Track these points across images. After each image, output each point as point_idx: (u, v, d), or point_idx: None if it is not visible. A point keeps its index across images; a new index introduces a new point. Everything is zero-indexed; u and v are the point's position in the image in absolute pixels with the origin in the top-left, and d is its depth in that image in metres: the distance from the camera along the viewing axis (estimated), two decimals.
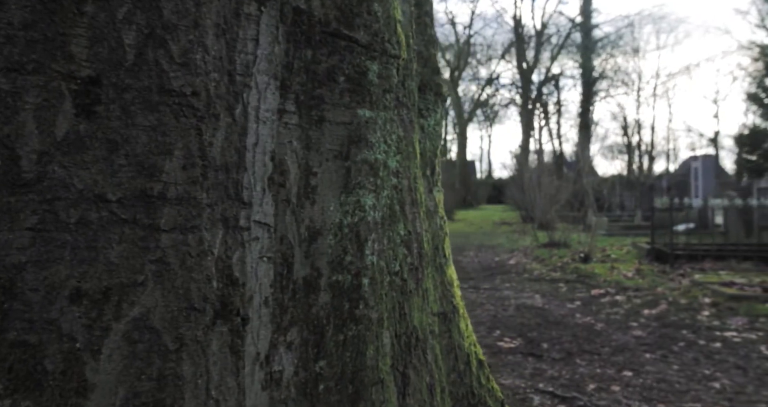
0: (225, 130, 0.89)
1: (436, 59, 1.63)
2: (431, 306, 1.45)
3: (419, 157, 1.54)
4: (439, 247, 1.54)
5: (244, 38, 0.93)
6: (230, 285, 0.89)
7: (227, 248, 0.90)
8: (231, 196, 0.91)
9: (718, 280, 5.90)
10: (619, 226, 14.10)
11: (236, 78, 0.92)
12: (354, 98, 1.28)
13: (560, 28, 35.18)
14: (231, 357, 0.89)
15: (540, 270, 8.13)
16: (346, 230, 1.25)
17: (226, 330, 0.88)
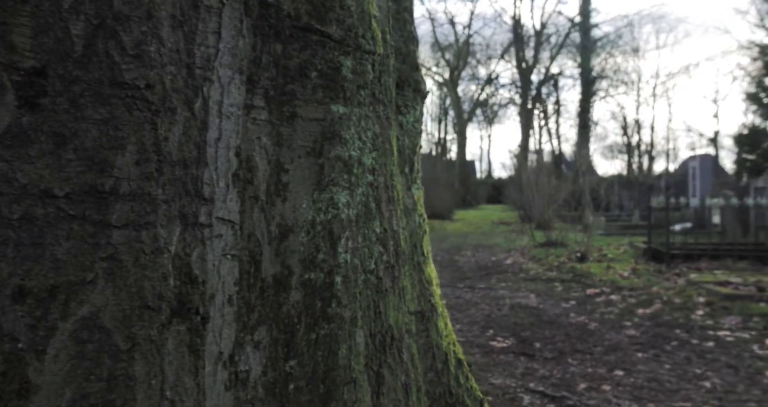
0: (183, 124, 0.87)
1: (415, 55, 1.61)
2: (408, 305, 1.43)
3: (397, 154, 1.52)
4: (418, 245, 1.52)
5: (204, 31, 0.91)
6: (189, 283, 0.88)
7: (186, 245, 0.88)
8: (190, 192, 0.89)
9: (713, 280, 5.88)
10: (616, 226, 14.09)
11: (195, 71, 0.90)
12: (327, 94, 1.26)
13: (559, 27, 35.17)
14: (189, 356, 0.87)
15: (536, 270, 8.11)
16: (318, 228, 1.23)
17: (183, 329, 0.86)
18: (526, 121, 35.00)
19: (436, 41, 38.45)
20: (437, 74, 40.68)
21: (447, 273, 8.19)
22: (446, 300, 5.99)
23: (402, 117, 1.56)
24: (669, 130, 43.91)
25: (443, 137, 46.02)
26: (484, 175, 48.21)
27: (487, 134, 54.67)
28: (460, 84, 39.86)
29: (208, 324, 0.91)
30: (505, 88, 40.19)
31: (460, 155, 39.02)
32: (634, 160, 37.82)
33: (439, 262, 9.42)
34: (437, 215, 23.25)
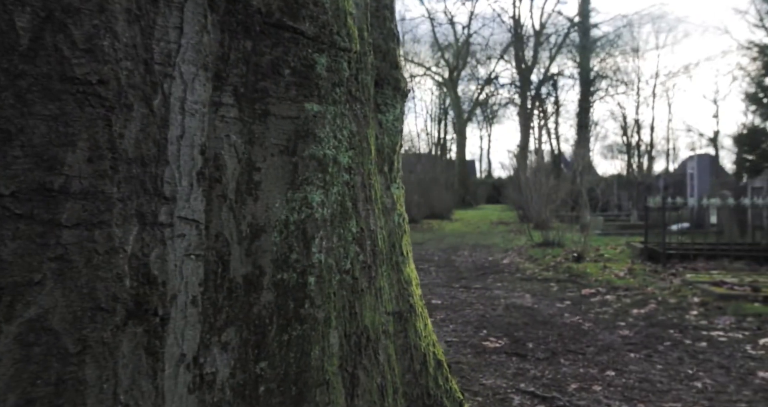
0: (140, 121, 0.85)
1: (395, 53, 1.59)
2: (385, 306, 1.41)
3: (375, 153, 1.51)
4: (396, 245, 1.50)
5: (164, 26, 0.89)
6: (147, 283, 0.86)
7: (144, 245, 0.86)
8: (149, 190, 0.87)
9: (708, 280, 5.86)
10: (614, 226, 14.07)
11: (154, 67, 0.88)
12: (301, 92, 1.24)
13: (559, 27, 35.15)
14: (146, 359, 0.85)
15: (532, 270, 8.09)
16: (292, 227, 1.21)
17: (140, 331, 0.84)
18: (526, 120, 34.98)
19: (436, 41, 38.44)
20: (437, 74, 40.70)
21: (443, 273, 8.18)
22: (441, 301, 5.98)
23: (381, 115, 1.54)
24: (669, 130, 43.94)
25: (443, 137, 46.03)
26: (484, 174, 48.20)
27: (487, 134, 54.58)
28: (460, 84, 39.87)
29: (169, 326, 0.89)
30: (505, 88, 40.16)
31: (460, 155, 38.99)
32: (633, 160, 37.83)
33: (435, 262, 9.40)
34: (436, 215, 23.22)
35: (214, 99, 1.03)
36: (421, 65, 41.22)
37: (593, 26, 33.38)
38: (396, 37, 1.61)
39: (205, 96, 0.98)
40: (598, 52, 34.16)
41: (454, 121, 40.79)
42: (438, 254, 10.67)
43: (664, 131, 48.42)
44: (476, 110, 43.18)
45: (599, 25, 33.95)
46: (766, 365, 3.46)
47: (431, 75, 41.63)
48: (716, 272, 6.60)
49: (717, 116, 45.20)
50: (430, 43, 39.19)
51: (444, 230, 18.33)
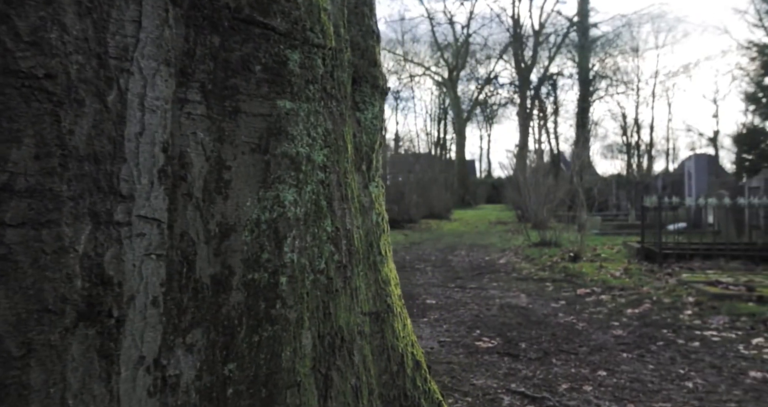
0: (93, 117, 0.83)
1: (374, 51, 1.57)
2: (361, 306, 1.39)
3: (353, 152, 1.48)
4: (374, 244, 1.48)
5: (119, 19, 0.87)
6: (100, 284, 0.83)
7: (97, 245, 0.84)
8: (103, 188, 0.84)
9: (703, 279, 5.84)
10: (612, 225, 14.05)
11: (109, 61, 0.86)
12: (273, 89, 1.22)
13: (558, 27, 35.12)
14: (99, 362, 0.82)
15: (529, 270, 8.07)
16: (263, 226, 1.19)
17: (92, 333, 0.82)
18: (525, 120, 34.96)
19: (435, 41, 38.42)
20: (436, 74, 40.67)
21: (439, 272, 8.16)
22: (436, 300, 5.95)
23: (360, 113, 1.51)
24: (669, 130, 43.94)
25: (443, 137, 46.03)
26: (484, 174, 48.19)
27: (486, 134, 54.51)
28: (459, 84, 39.86)
29: (125, 327, 0.86)
30: (504, 87, 40.12)
31: (459, 155, 38.98)
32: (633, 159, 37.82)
33: (432, 262, 9.38)
34: (435, 215, 23.19)
35: (179, 95, 1.01)
36: (421, 65, 41.22)
37: (592, 26, 33.36)
38: (375, 35, 1.59)
39: (167, 92, 0.96)
40: (597, 51, 34.13)
41: (454, 120, 40.78)
42: (435, 254, 10.65)
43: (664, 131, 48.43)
44: (476, 110, 43.19)
45: (598, 24, 33.91)
46: (758, 365, 3.44)
47: (430, 75, 41.64)
48: (712, 272, 6.58)
49: (717, 116, 45.18)
50: (429, 43, 39.20)
51: (442, 230, 18.31)
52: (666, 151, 40.55)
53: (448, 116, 43.30)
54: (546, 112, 38.57)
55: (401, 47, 40.69)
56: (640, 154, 38.12)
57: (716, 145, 36.79)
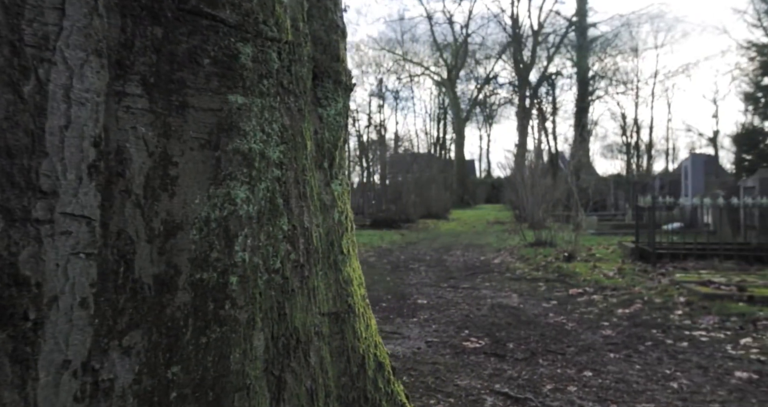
0: (5, 108, 0.80)
1: (338, 46, 1.54)
2: (320, 306, 1.37)
3: (314, 148, 1.46)
4: (335, 243, 1.46)
5: (37, 5, 0.84)
6: (14, 285, 0.81)
7: (11, 243, 0.81)
8: (19, 184, 0.82)
9: (695, 279, 5.82)
10: (609, 225, 14.03)
11: (25, 50, 0.83)
12: (224, 83, 1.20)
13: (557, 27, 35.09)
14: (12, 367, 0.80)
15: (522, 270, 8.05)
16: (213, 225, 1.17)
17: (4, 337, 0.79)
18: (523, 120, 34.93)
19: (435, 41, 38.40)
20: (436, 74, 40.64)
21: (433, 272, 8.13)
22: (427, 300, 5.93)
23: (322, 109, 1.49)
24: (669, 130, 43.92)
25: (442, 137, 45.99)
26: (484, 174, 48.15)
27: (486, 134, 54.41)
28: (459, 83, 39.85)
29: (45, 330, 0.84)
30: (503, 87, 40.09)
31: (458, 155, 38.96)
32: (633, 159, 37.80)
33: (427, 262, 9.35)
34: (432, 215, 23.17)
35: (116, 88, 0.99)
36: (420, 65, 41.20)
37: (590, 26, 33.32)
38: (340, 30, 1.56)
39: (99, 84, 0.94)
40: (596, 51, 34.09)
41: (453, 120, 40.76)
42: (430, 254, 10.63)
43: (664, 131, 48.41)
44: (475, 110, 43.16)
45: (597, 24, 33.84)
46: (745, 365, 3.42)
47: (430, 74, 41.62)
48: (705, 272, 6.56)
49: (717, 116, 45.14)
50: (429, 43, 39.19)
51: (439, 229, 18.29)
52: (666, 150, 40.55)
53: (448, 116, 43.28)
54: (544, 112, 38.55)
55: (401, 47, 40.72)
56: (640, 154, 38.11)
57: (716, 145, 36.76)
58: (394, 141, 36.03)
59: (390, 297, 6.14)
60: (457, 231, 17.24)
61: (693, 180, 12.21)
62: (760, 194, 8.58)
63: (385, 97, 44.58)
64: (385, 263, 9.26)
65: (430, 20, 37.96)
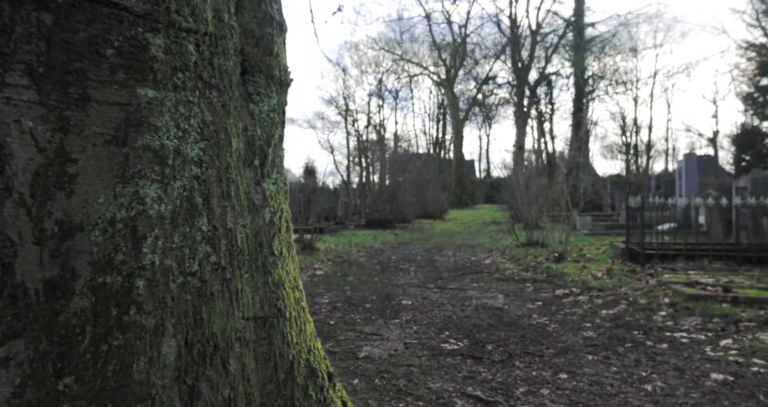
0: None
1: (273, 39, 1.49)
2: (244, 310, 1.31)
3: (244, 145, 1.41)
4: (265, 244, 1.40)
5: None
6: None
7: None
8: None
9: (682, 280, 5.76)
10: (603, 226, 13.96)
11: None
12: (131, 75, 1.14)
13: (555, 27, 35.02)
14: None
15: (512, 270, 7.99)
16: (119, 225, 1.11)
17: None
18: (522, 120, 34.85)
19: (433, 41, 38.33)
20: (434, 74, 40.58)
21: (422, 273, 8.08)
22: (411, 301, 5.87)
23: (254, 105, 1.43)
24: (668, 130, 43.88)
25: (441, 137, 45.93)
26: (483, 174, 48.09)
27: (486, 134, 54.26)
28: (458, 83, 39.79)
29: None
30: (502, 87, 40.02)
31: (457, 155, 38.89)
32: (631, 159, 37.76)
33: (417, 262, 9.29)
34: (429, 215, 23.10)
35: None
36: (419, 65, 41.13)
37: (588, 25, 33.23)
38: (276, 22, 1.51)
39: None
40: (594, 51, 34.01)
41: (452, 120, 40.69)
42: (422, 254, 10.57)
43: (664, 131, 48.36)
44: (473, 110, 43.11)
45: (595, 24, 33.73)
46: (722, 366, 3.36)
47: (428, 74, 41.55)
48: (694, 272, 6.50)
49: (716, 116, 45.10)
50: (428, 43, 39.15)
51: (434, 230, 18.23)
52: (666, 151, 40.54)
53: (447, 116, 43.25)
54: (542, 112, 38.51)
55: (400, 47, 40.69)
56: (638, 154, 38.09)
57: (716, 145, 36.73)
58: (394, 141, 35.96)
59: (375, 298, 6.09)
60: (452, 231, 17.19)
61: (687, 180, 12.14)
62: (752, 194, 8.52)
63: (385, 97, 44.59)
64: (375, 263, 9.20)
65: (428, 20, 37.91)
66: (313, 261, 9.31)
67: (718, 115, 44.33)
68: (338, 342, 4.24)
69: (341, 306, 5.68)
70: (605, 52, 34.72)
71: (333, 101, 44.04)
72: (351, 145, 42.34)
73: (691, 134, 42.86)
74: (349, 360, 3.76)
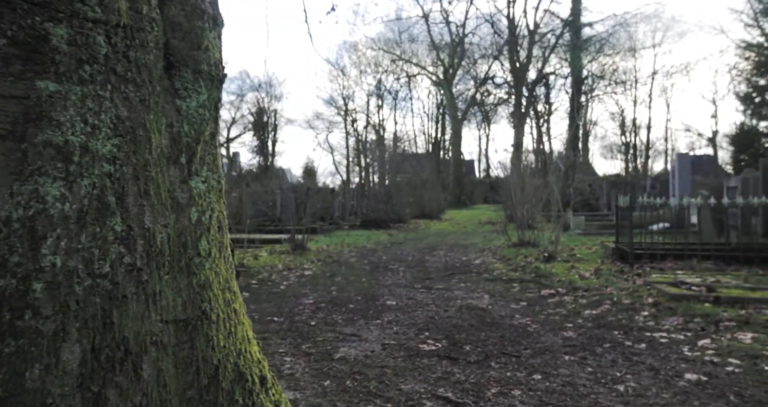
0: None
1: (203, 34, 1.44)
2: (163, 313, 1.26)
3: (169, 143, 1.36)
4: (190, 245, 1.35)
5: None
6: None
7: None
8: None
9: (667, 280, 5.71)
10: (596, 225, 13.91)
11: None
12: (29, 67, 1.09)
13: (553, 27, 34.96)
14: None
15: (501, 270, 7.95)
16: (15, 225, 1.07)
17: None
18: (519, 120, 34.80)
19: (431, 40, 38.26)
20: (433, 74, 40.52)
21: (411, 273, 8.03)
22: (396, 302, 5.83)
23: (181, 101, 1.39)
24: (668, 130, 43.82)
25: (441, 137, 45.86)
26: (483, 174, 48.02)
27: (485, 133, 54.06)
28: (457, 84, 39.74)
29: None
30: (500, 87, 39.94)
31: (455, 154, 38.82)
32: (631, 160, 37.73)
33: (408, 262, 9.25)
34: (426, 215, 23.05)
35: None
36: (418, 65, 41.07)
37: (585, 25, 33.18)
38: (208, 16, 1.46)
39: None
40: (591, 51, 33.96)
41: (450, 120, 40.63)
42: (413, 254, 10.52)
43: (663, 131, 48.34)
44: (472, 109, 43.06)
45: (593, 24, 33.66)
46: (697, 366, 3.31)
47: (427, 74, 41.50)
48: (682, 272, 6.45)
49: (716, 116, 45.03)
50: (427, 43, 39.09)
51: (429, 230, 18.18)
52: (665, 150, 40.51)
53: (446, 116, 43.20)
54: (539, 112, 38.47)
55: (399, 47, 40.64)
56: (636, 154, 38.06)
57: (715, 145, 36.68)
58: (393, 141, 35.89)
59: (360, 299, 6.04)
60: (447, 231, 17.15)
61: (680, 180, 12.09)
62: (742, 194, 8.47)
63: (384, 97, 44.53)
64: (365, 263, 9.16)
65: (426, 20, 37.85)
66: (302, 261, 9.26)
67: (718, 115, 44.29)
68: (315, 343, 4.20)
69: (325, 306, 5.63)
70: (603, 52, 34.67)
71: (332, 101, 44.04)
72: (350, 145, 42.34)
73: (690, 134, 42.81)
74: (323, 361, 3.72)
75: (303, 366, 3.62)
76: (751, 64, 27.90)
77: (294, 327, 4.71)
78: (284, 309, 5.52)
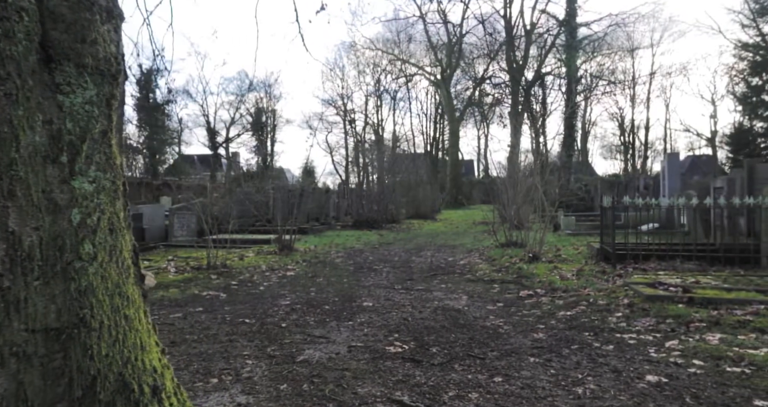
0: None
1: (89, 26, 1.38)
2: (29, 322, 1.20)
3: (48, 141, 1.30)
4: (70, 248, 1.29)
5: None
6: None
7: None
8: None
9: (646, 281, 5.65)
10: (586, 226, 13.85)
11: None
12: None
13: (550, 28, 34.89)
14: None
15: (484, 271, 7.88)
16: None
17: None
18: (516, 120, 34.72)
19: (429, 40, 38.20)
20: (431, 74, 40.45)
21: (394, 274, 7.96)
22: (372, 303, 5.76)
23: (63, 96, 1.32)
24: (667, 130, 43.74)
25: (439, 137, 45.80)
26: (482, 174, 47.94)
27: (484, 134, 53.93)
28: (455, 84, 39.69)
29: None
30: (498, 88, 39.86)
31: (453, 154, 38.74)
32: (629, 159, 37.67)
33: (393, 263, 9.18)
34: (420, 215, 22.98)
35: None
36: (415, 65, 40.99)
37: (581, 25, 33.09)
38: (100, 7, 1.40)
39: None
40: (587, 51, 33.88)
41: (447, 120, 40.55)
42: (400, 255, 10.45)
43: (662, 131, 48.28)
44: (470, 109, 43.00)
45: (589, 24, 33.55)
46: (660, 368, 3.25)
47: (425, 74, 41.43)
48: (664, 273, 6.39)
49: (715, 116, 44.94)
50: (425, 43, 39.05)
51: (421, 230, 18.11)
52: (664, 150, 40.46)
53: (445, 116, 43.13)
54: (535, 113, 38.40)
55: (397, 47, 40.59)
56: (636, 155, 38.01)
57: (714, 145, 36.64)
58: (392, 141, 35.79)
59: (337, 300, 5.98)
60: (439, 231, 17.09)
61: (670, 180, 12.03)
62: (727, 194, 8.41)
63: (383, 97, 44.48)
64: (350, 264, 9.09)
65: (423, 20, 37.80)
66: (288, 262, 9.20)
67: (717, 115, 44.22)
68: (281, 345, 4.13)
69: (300, 308, 5.57)
70: (600, 52, 34.60)
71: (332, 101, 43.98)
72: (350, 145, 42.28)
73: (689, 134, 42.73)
74: (285, 364, 3.66)
75: (263, 369, 3.56)
76: (747, 64, 27.84)
77: (264, 329, 4.64)
78: (258, 310, 5.45)
